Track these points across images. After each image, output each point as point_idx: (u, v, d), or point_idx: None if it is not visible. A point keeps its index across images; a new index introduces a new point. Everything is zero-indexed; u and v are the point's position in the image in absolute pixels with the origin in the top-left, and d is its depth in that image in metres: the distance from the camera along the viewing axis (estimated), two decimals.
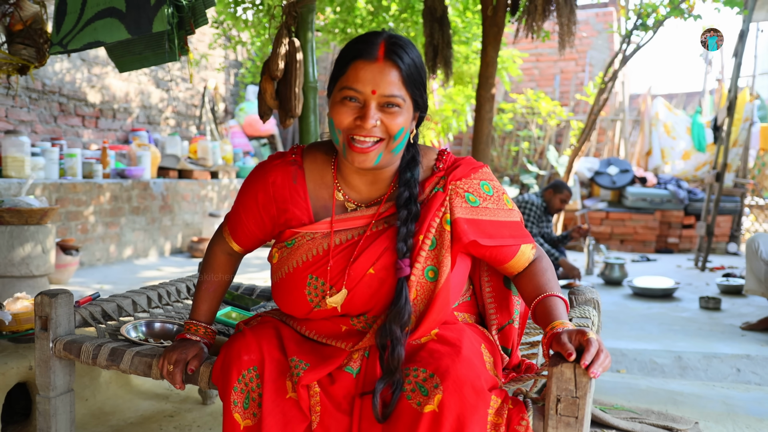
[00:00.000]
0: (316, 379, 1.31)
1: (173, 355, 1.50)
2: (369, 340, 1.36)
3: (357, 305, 1.38)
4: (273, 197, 1.44)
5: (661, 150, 9.04)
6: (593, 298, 1.86)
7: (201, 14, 2.47)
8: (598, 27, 9.78)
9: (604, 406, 2.45)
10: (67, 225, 5.04)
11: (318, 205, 1.43)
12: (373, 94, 1.30)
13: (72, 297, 1.77)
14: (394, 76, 1.31)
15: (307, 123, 3.31)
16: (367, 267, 1.36)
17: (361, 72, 1.30)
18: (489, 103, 4.63)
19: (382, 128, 1.32)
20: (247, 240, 1.54)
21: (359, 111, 1.31)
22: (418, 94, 1.36)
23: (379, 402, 1.25)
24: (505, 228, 1.42)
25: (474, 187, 1.42)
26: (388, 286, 1.36)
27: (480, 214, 1.40)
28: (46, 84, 5.84)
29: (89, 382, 2.45)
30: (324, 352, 1.38)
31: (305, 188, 1.44)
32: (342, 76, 1.33)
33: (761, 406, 2.57)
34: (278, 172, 1.45)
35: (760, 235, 3.87)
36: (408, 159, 1.41)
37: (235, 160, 7.79)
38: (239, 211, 1.51)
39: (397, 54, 1.32)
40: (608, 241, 8.39)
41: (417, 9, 5.78)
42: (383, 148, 1.33)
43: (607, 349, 1.20)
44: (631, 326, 4.00)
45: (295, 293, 1.41)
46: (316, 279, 1.38)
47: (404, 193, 1.37)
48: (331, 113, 1.34)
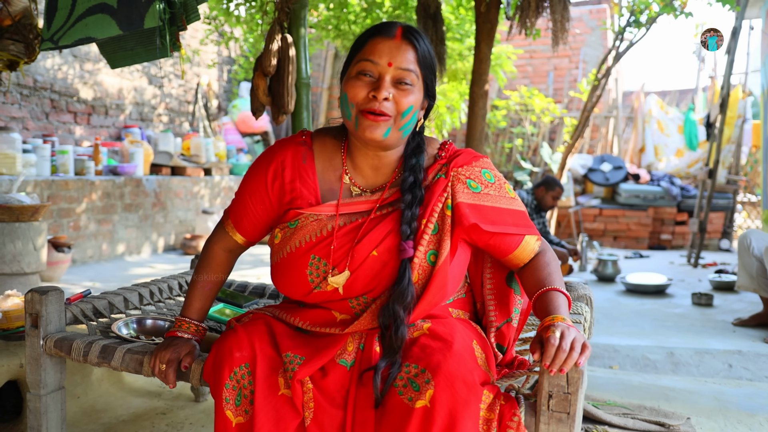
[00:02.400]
0: (312, 372, 1.31)
1: (165, 355, 1.49)
2: (366, 321, 1.36)
3: (358, 287, 1.39)
4: (282, 175, 1.46)
5: (654, 147, 9.07)
6: (586, 295, 1.87)
7: (193, 10, 2.46)
8: (592, 24, 9.79)
9: (596, 401, 2.45)
10: (59, 222, 5.02)
11: (325, 188, 1.45)
12: (389, 66, 1.34)
13: (63, 294, 1.76)
14: (410, 54, 1.36)
15: (300, 119, 3.30)
16: (370, 249, 1.37)
17: (379, 45, 1.36)
18: (482, 99, 4.64)
19: (393, 105, 1.35)
20: (252, 227, 1.53)
21: (373, 85, 1.35)
22: (430, 78, 1.41)
23: (380, 381, 1.26)
24: (507, 215, 1.43)
25: (476, 174, 1.43)
26: (390, 268, 1.37)
27: (482, 200, 1.41)
28: (38, 80, 5.80)
29: (81, 379, 2.44)
30: (318, 344, 1.38)
31: (314, 169, 1.46)
32: (359, 52, 1.38)
33: (752, 401, 2.58)
34: (288, 152, 1.47)
35: (752, 232, 3.88)
36: (413, 146, 1.45)
37: (228, 157, 7.77)
38: (245, 197, 1.51)
39: (414, 36, 1.38)
40: (601, 237, 8.41)
41: (410, 5, 5.77)
42: (392, 124, 1.36)
43: (579, 345, 1.20)
44: (624, 322, 4.02)
45: (296, 273, 1.41)
46: (319, 260, 1.39)
47: (409, 177, 1.40)
48: (346, 88, 1.37)
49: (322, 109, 9.66)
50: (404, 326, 1.31)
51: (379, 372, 1.27)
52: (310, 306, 1.46)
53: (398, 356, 1.29)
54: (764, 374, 3.07)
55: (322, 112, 9.65)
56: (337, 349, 1.35)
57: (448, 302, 1.49)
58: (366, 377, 1.31)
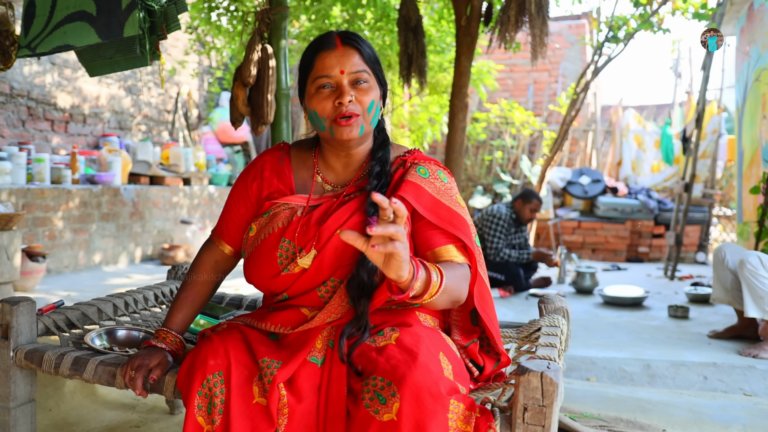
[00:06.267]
0: (290, 374, 1.33)
1: (136, 361, 1.49)
2: (336, 303, 1.41)
3: (325, 267, 1.43)
4: (261, 175, 1.57)
5: (632, 161, 9.18)
6: (563, 307, 1.88)
7: (173, 19, 2.46)
8: (571, 39, 9.92)
9: (573, 414, 2.46)
10: (34, 231, 4.94)
11: (299, 184, 1.56)
12: (342, 74, 1.44)
13: (35, 305, 1.73)
14: (355, 57, 1.46)
15: (279, 130, 3.29)
16: (335, 228, 1.43)
17: (327, 59, 1.45)
18: (462, 112, 4.67)
19: (358, 105, 1.44)
20: (236, 231, 1.60)
21: (335, 94, 1.44)
22: (378, 69, 1.51)
23: (345, 344, 1.34)
24: (443, 210, 1.44)
25: (430, 168, 1.50)
26: (353, 246, 1.35)
27: (424, 184, 1.46)
28: (14, 87, 5.73)
29: (53, 392, 2.39)
30: (293, 346, 1.39)
31: (290, 168, 1.58)
32: (311, 71, 1.48)
33: (726, 413, 2.61)
34: (268, 156, 1.61)
35: (726, 245, 3.94)
36: (380, 141, 1.55)
37: (208, 167, 7.72)
38: (229, 204, 1.62)
39: (353, 40, 1.48)
40: (580, 250, 8.48)
41: (392, 18, 5.81)
42: (363, 121, 1.45)
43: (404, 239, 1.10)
44: (602, 335, 4.04)
45: (266, 257, 1.47)
46: (289, 242, 1.46)
47: (376, 167, 1.50)
48: (311, 105, 1.47)
49: (302, 120, 9.66)
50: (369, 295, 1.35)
51: (344, 337, 1.34)
52: (280, 309, 1.48)
53: (366, 322, 1.35)
54: (738, 386, 3.10)
55: (302, 122, 9.64)
56: (310, 347, 1.37)
57: (415, 306, 1.49)
58: (336, 373, 1.33)
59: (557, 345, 1.56)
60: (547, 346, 1.55)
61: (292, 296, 1.48)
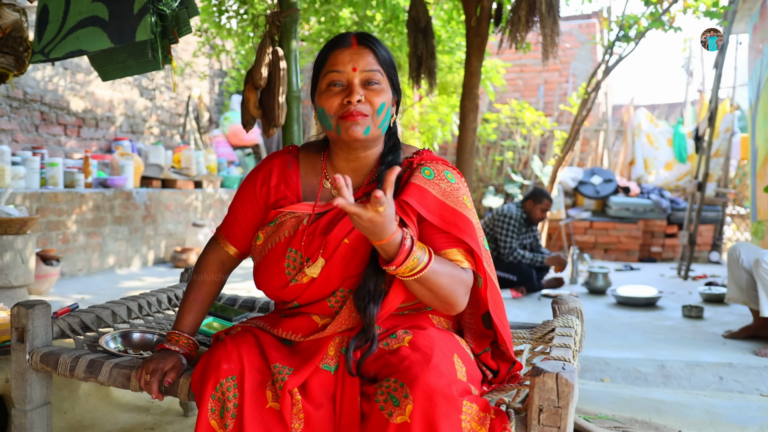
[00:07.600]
0: (301, 382, 1.32)
1: (150, 365, 1.49)
2: (345, 314, 1.40)
3: (334, 276, 1.42)
4: (269, 180, 1.54)
5: (644, 160, 9.12)
6: (576, 308, 1.87)
7: (185, 23, 2.47)
8: (582, 38, 9.88)
9: (587, 415, 2.45)
10: (48, 235, 4.98)
11: (307, 190, 1.53)
12: (354, 71, 1.42)
13: (50, 308, 1.74)
14: (370, 57, 1.44)
15: (291, 132, 3.30)
16: (341, 237, 1.41)
17: (340, 55, 1.44)
18: (473, 113, 4.65)
19: (368, 105, 1.42)
20: (242, 235, 1.59)
21: (345, 92, 1.42)
22: (393, 74, 1.49)
23: (352, 356, 1.32)
24: (448, 212, 1.41)
25: (436, 168, 1.46)
26: (360, 255, 1.41)
27: (429, 187, 1.41)
28: (28, 92, 5.78)
29: (68, 394, 2.41)
30: (304, 354, 1.39)
31: (298, 173, 1.55)
32: (323, 67, 1.46)
33: (743, 413, 2.58)
34: (276, 160, 1.57)
35: (741, 244, 3.90)
36: (390, 145, 1.52)
37: (219, 170, 7.76)
38: (236, 206, 1.59)
39: (369, 41, 1.46)
40: (592, 250, 8.44)
41: (401, 19, 5.81)
42: (370, 122, 1.42)
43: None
44: (615, 335, 4.02)
45: (274, 267, 1.45)
46: (296, 252, 1.44)
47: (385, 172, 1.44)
48: (320, 102, 1.44)
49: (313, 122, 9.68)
50: (376, 305, 1.34)
51: (351, 350, 1.33)
52: (291, 315, 1.48)
53: (373, 333, 1.33)
54: (755, 387, 3.07)
55: (313, 125, 9.65)
56: (322, 355, 1.37)
57: (428, 309, 1.49)
58: (349, 381, 1.32)
59: (571, 346, 1.55)
60: (561, 347, 1.54)
61: (302, 304, 1.48)
